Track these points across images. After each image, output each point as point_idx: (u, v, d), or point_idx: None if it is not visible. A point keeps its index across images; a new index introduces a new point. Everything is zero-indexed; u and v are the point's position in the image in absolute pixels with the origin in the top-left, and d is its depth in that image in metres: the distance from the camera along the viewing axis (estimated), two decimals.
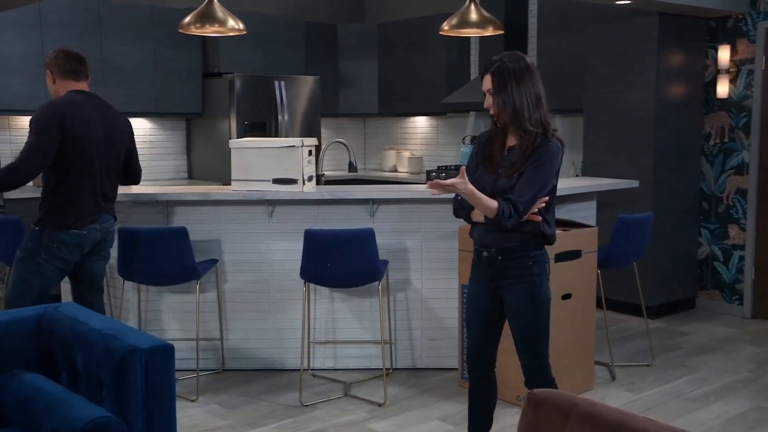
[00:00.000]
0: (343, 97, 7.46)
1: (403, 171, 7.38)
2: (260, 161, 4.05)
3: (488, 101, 2.69)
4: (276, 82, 6.42)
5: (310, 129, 6.69)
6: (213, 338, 4.33)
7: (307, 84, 6.66)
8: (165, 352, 2.28)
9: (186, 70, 6.38)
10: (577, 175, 6.14)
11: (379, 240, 4.08)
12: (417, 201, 4.21)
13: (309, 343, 4.30)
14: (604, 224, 4.67)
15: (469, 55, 6.98)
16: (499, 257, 2.73)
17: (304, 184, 4.05)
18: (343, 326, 4.33)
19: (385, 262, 4.07)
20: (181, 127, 6.76)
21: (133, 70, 6.09)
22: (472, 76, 6.93)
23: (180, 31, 4.43)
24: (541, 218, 2.68)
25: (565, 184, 4.61)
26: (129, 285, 4.22)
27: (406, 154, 7.49)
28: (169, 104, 6.34)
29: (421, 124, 7.55)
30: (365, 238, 3.70)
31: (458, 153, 7.03)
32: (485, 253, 2.77)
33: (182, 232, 3.78)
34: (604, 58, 5.58)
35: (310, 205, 4.20)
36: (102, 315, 2.63)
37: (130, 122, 3.77)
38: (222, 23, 4.35)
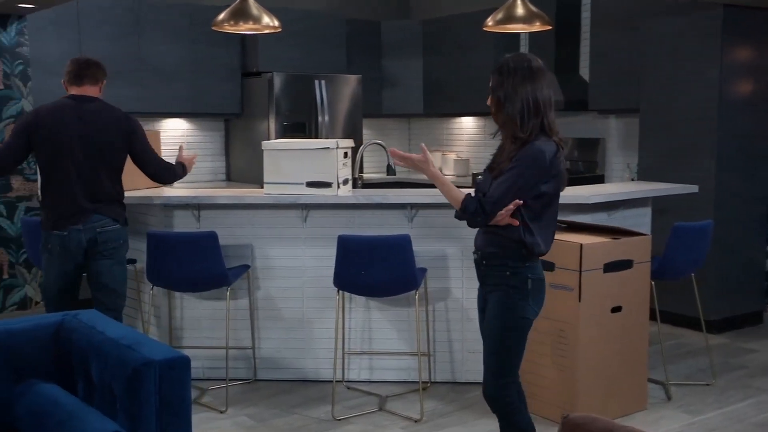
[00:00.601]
0: (387, 97, 7.40)
1: (449, 173, 7.28)
2: (293, 163, 4.01)
3: (489, 100, 2.70)
4: (316, 82, 6.39)
5: (352, 130, 6.64)
6: (245, 347, 4.31)
7: (348, 83, 6.62)
8: (181, 364, 2.24)
9: (225, 69, 6.40)
10: (632, 179, 5.96)
11: (417, 247, 4.01)
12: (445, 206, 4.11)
13: (343, 353, 4.24)
14: (659, 232, 4.50)
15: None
16: (483, 261, 2.76)
17: (338, 187, 4.00)
18: (379, 336, 4.27)
19: (423, 270, 4.01)
20: (220, 128, 6.79)
21: (171, 69, 6.14)
22: None
23: (213, 28, 4.44)
24: (518, 222, 2.64)
25: (618, 189, 4.47)
26: (159, 291, 4.22)
27: (452, 156, 7.40)
28: (208, 104, 6.37)
29: (467, 124, 7.44)
30: (401, 245, 3.63)
31: None
32: (475, 255, 2.82)
33: (212, 237, 3.77)
34: (663, 55, 5.39)
35: (345, 210, 4.15)
36: (120, 324, 2.61)
37: (130, 122, 3.77)
38: (256, 20, 4.34)
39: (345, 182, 4.09)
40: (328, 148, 3.97)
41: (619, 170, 6.22)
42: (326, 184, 4.00)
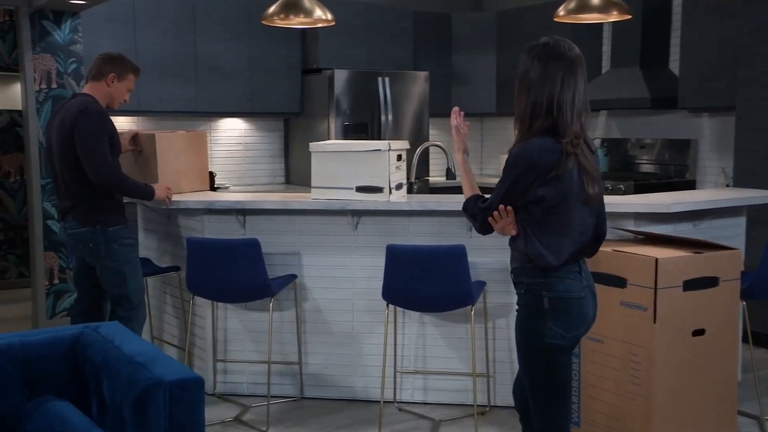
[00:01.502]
0: (457, 95, 7.25)
1: None
2: (343, 167, 3.92)
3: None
4: (380, 79, 6.31)
5: (418, 131, 6.54)
6: (290, 362, 4.24)
7: (415, 80, 6.51)
8: (193, 385, 2.17)
9: (284, 66, 6.39)
10: (727, 185, 5.62)
11: (476, 258, 3.88)
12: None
13: (395, 372, 4.12)
14: (755, 245, 4.21)
15: (600, 45, 6.59)
16: (512, 278, 2.68)
17: (390, 192, 3.89)
18: (434, 355, 4.13)
19: (482, 284, 3.86)
20: (279, 128, 6.78)
21: (228, 67, 6.16)
22: (604, 69, 6.53)
23: (264, 23, 4.40)
24: (515, 232, 2.56)
25: (707, 196, 4.19)
26: (203, 301, 4.20)
27: None
28: (266, 103, 6.37)
29: None
30: (455, 256, 3.50)
31: None
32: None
33: (253, 245, 3.71)
34: (763, 45, 5.05)
35: (398, 217, 4.03)
36: (140, 339, 2.56)
37: (77, 117, 3.68)
38: (308, 14, 4.28)
39: (398, 187, 3.97)
40: (380, 150, 3.87)
41: (713, 175, 5.88)
42: (377, 189, 3.89)
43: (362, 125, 6.25)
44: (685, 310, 3.40)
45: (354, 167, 3.91)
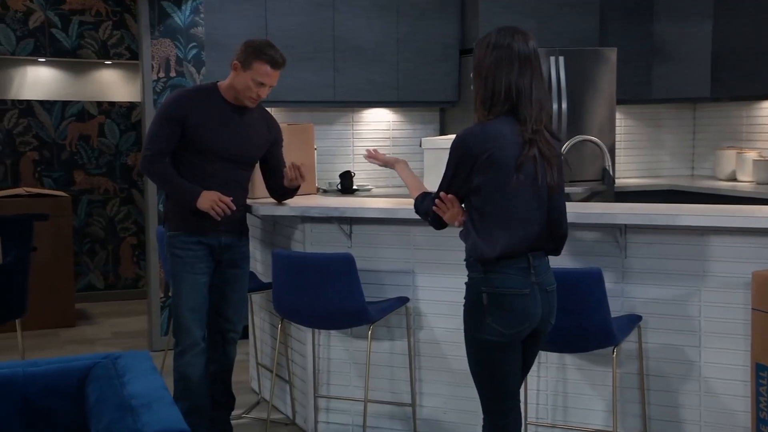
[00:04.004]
0: (659, 77, 6.73)
1: (746, 180, 6.39)
2: None
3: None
4: (552, 58, 6.01)
5: (604, 120, 6.19)
6: (402, 403, 4.05)
7: (600, 59, 6.16)
8: None
9: (438, 46, 6.26)
10: None
11: (631, 284, 3.59)
12: (699, 231, 3.50)
13: (525, 423, 3.80)
14: None
15: None
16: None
17: None
18: (576, 405, 3.80)
19: (634, 319, 3.51)
20: (433, 120, 6.66)
21: (373, 49, 6.09)
22: None
23: None
24: (462, 220, 2.85)
25: None
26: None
27: (752, 155, 6.49)
28: (418, 91, 6.25)
29: None
30: (586, 282, 3.20)
31: None
32: None
33: (345, 260, 3.60)
34: None
35: None
36: (155, 376, 2.48)
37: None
38: None
39: None
40: None
41: None
42: None
43: None
44: None
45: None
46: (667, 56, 6.73)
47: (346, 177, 6.02)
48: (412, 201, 3.12)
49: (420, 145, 3.89)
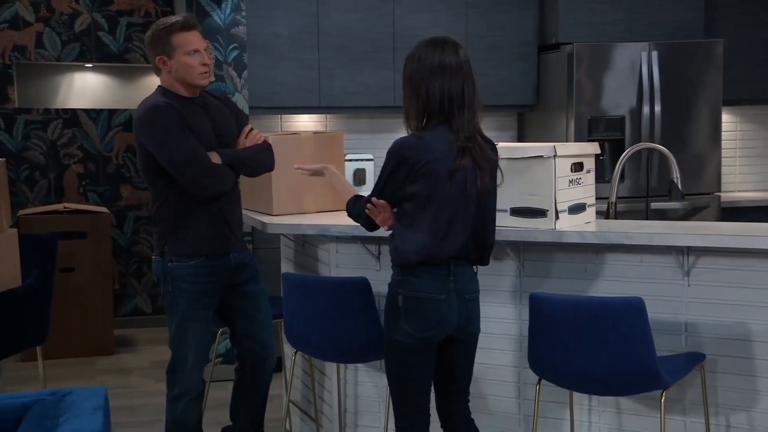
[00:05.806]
0: None
1: None
2: None
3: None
4: (644, 54, 5.86)
5: (709, 126, 6.01)
6: None
7: (702, 52, 6.00)
8: None
9: (514, 43, 6.21)
10: None
11: (695, 315, 3.47)
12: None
13: None
14: None
15: None
16: None
17: (557, 217, 3.49)
18: None
19: (695, 358, 3.35)
20: (510, 126, 6.63)
21: None
22: None
23: None
24: (386, 225, 3.17)
25: None
26: None
27: None
28: (491, 94, 6.10)
29: None
30: (627, 314, 3.07)
31: None
32: None
33: (359, 284, 3.56)
34: None
35: (573, 252, 3.61)
36: (99, 414, 2.46)
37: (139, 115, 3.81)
38: None
39: (575, 209, 3.59)
40: (542, 156, 3.54)
41: None
42: (538, 212, 3.53)
43: (614, 121, 5.90)
44: None
45: (509, 180, 3.59)
46: None
47: None
48: None
49: None
